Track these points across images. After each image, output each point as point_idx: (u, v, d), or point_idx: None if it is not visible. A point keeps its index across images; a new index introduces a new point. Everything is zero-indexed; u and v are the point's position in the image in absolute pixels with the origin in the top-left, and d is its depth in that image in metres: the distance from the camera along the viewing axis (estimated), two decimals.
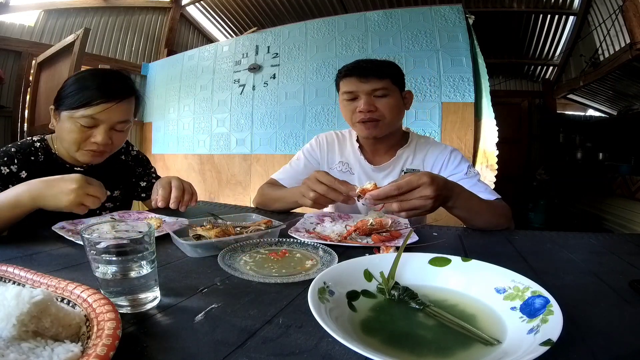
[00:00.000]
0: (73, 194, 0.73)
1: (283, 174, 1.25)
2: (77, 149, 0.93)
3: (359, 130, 1.11)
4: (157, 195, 1.00)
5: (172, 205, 0.99)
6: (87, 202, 0.75)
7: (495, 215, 0.91)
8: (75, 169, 1.01)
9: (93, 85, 0.89)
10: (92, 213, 0.87)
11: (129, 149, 1.20)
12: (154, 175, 1.25)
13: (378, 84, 1.05)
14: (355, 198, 0.79)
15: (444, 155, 1.14)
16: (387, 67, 1.09)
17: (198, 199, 1.07)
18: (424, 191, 0.71)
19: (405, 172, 1.15)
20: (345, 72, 1.09)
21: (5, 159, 0.90)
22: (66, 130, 0.91)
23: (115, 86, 0.91)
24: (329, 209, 1.25)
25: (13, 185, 0.86)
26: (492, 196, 1.00)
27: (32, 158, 0.95)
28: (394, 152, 1.16)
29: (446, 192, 0.78)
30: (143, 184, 1.21)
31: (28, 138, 1.00)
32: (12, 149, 0.93)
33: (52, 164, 0.98)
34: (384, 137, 1.13)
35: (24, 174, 0.92)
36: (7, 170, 0.90)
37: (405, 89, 1.15)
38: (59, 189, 0.74)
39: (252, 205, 1.24)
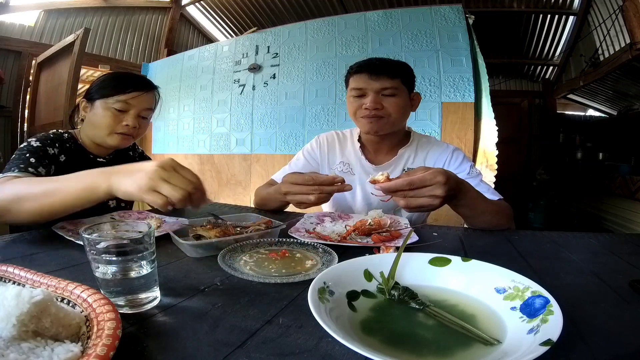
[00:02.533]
0: (146, 177, 0.60)
1: (282, 174, 1.25)
2: (109, 133, 1.02)
3: (362, 124, 1.11)
4: None
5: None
6: (164, 191, 0.59)
7: (498, 215, 0.91)
8: (98, 159, 1.11)
9: (126, 78, 1.05)
10: (94, 211, 0.87)
11: (135, 148, 1.29)
12: None
13: (388, 83, 1.05)
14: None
15: (445, 154, 1.14)
16: (400, 67, 1.09)
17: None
18: (435, 190, 0.70)
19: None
20: (357, 69, 1.09)
21: (49, 141, 0.99)
22: (100, 115, 1.01)
23: (142, 80, 1.08)
24: (328, 208, 1.25)
25: (56, 167, 0.95)
26: (494, 197, 1.00)
27: (67, 145, 1.04)
28: (396, 151, 1.16)
29: (455, 192, 0.77)
30: None
31: (52, 131, 1.07)
32: (51, 135, 1.02)
33: (80, 153, 1.07)
34: (387, 136, 1.13)
35: (62, 158, 1.01)
36: (53, 152, 0.98)
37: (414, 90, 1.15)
38: (136, 169, 0.63)
39: (253, 206, 1.24)
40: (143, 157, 1.30)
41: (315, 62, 2.88)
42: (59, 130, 1.07)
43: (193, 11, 4.73)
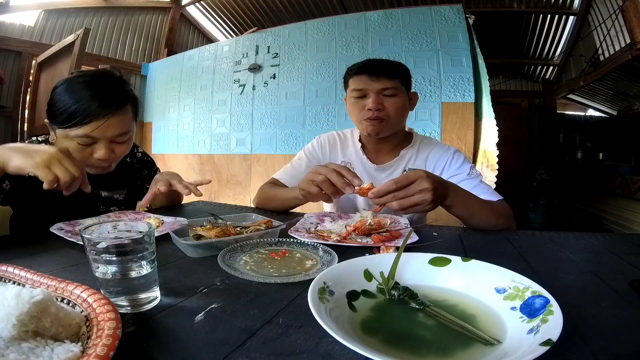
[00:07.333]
0: (46, 155, 0.67)
1: (284, 173, 1.25)
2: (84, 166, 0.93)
3: (365, 127, 1.12)
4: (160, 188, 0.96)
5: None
6: (57, 170, 0.66)
7: (494, 214, 0.91)
8: None
9: (81, 98, 0.80)
10: (94, 212, 0.86)
11: (134, 151, 1.18)
12: None
13: (388, 84, 1.07)
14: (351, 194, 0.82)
15: (446, 156, 1.14)
16: (398, 67, 1.11)
17: (198, 199, 1.06)
18: (422, 184, 0.73)
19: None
20: (357, 70, 1.10)
21: None
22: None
23: (106, 97, 0.82)
24: (329, 208, 1.25)
25: (17, 178, 0.88)
26: (494, 197, 0.99)
27: None
28: (398, 151, 1.17)
29: (442, 189, 0.79)
30: (148, 186, 1.20)
31: (33, 138, 1.02)
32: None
33: None
34: (388, 137, 1.14)
35: None
36: None
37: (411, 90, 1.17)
38: (36, 149, 0.69)
39: (252, 205, 1.24)
40: (144, 161, 1.21)
41: (315, 62, 2.88)
42: (38, 138, 0.99)
43: (193, 11, 4.73)
